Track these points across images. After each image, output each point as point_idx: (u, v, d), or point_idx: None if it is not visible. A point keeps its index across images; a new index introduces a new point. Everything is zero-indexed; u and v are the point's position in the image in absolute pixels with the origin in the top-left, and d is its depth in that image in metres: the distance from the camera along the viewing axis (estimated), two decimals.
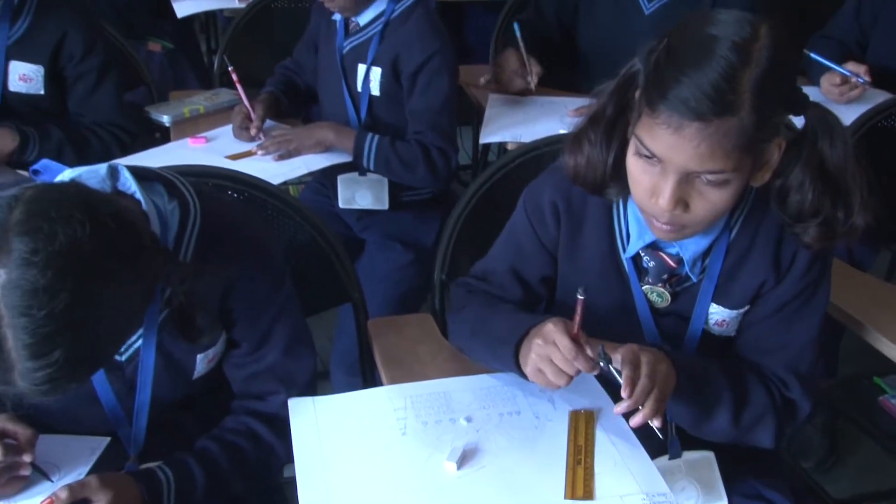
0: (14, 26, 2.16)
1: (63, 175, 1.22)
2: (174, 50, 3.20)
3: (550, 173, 1.47)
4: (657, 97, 1.12)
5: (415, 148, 2.11)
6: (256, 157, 2.10)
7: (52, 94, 2.23)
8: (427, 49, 2.11)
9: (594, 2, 2.49)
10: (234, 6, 3.13)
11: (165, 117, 2.36)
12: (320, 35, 2.31)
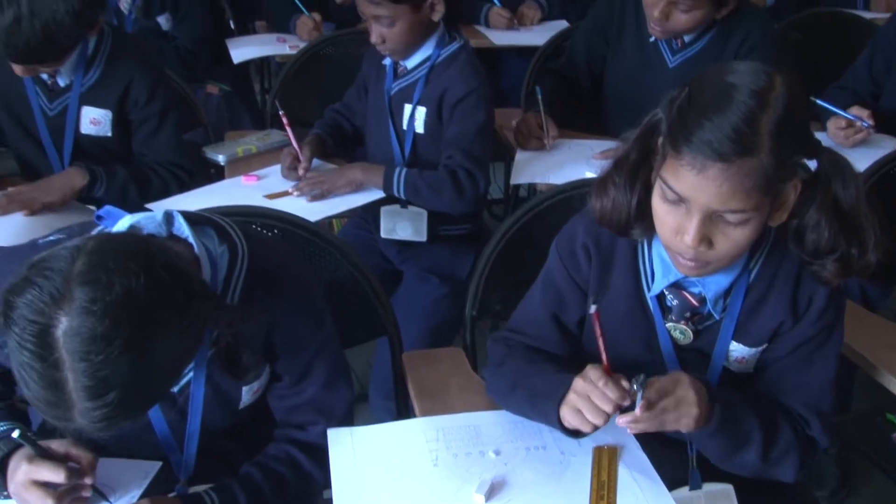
0: (87, 75, 2.19)
1: (123, 221, 1.23)
2: (230, 92, 3.22)
3: (581, 217, 1.46)
4: (681, 140, 1.12)
5: (442, 172, 2.10)
6: (293, 196, 2.11)
7: (119, 135, 2.26)
8: (467, 86, 2.13)
9: (622, 53, 2.47)
10: (285, 52, 3.13)
11: (220, 157, 2.37)
12: (370, 79, 2.32)
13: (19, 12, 1.88)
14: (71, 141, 2.25)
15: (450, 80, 2.14)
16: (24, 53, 1.96)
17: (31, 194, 2.08)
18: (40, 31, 1.91)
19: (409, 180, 2.11)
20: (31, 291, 0.98)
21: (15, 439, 1.23)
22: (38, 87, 2.21)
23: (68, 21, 1.94)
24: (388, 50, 2.14)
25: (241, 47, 3.19)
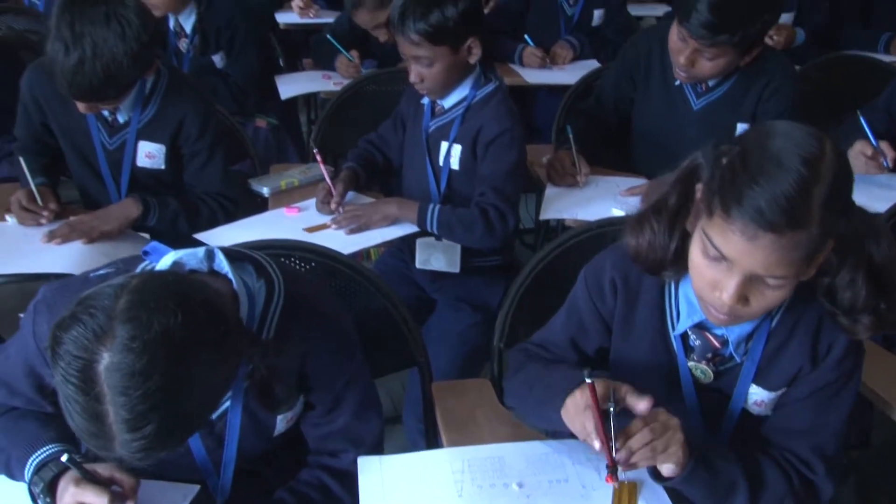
0: (144, 112, 2.21)
1: (167, 258, 1.24)
2: (278, 125, 3.24)
3: (610, 252, 1.44)
4: (733, 205, 1.08)
5: (474, 210, 2.09)
6: (332, 228, 2.12)
7: (172, 168, 2.28)
8: (501, 126, 2.11)
9: (649, 95, 2.45)
10: (329, 89, 3.14)
11: (265, 189, 2.38)
12: (408, 115, 2.31)
13: (83, 55, 1.91)
14: (128, 173, 2.28)
15: (485, 120, 2.13)
16: (87, 92, 1.99)
17: (91, 223, 2.11)
18: (101, 71, 1.94)
19: (441, 217, 2.10)
20: (77, 328, 0.99)
21: (63, 462, 1.23)
22: (100, 122, 2.24)
23: (127, 63, 1.97)
24: (426, 89, 2.14)
25: (289, 84, 3.21)
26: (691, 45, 2.16)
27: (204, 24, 3.14)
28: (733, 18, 2.09)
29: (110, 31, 1.94)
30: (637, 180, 2.39)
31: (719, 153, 1.16)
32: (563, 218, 2.24)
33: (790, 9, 3.61)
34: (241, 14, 3.23)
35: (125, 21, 1.96)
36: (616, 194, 2.31)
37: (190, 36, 3.17)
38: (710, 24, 2.09)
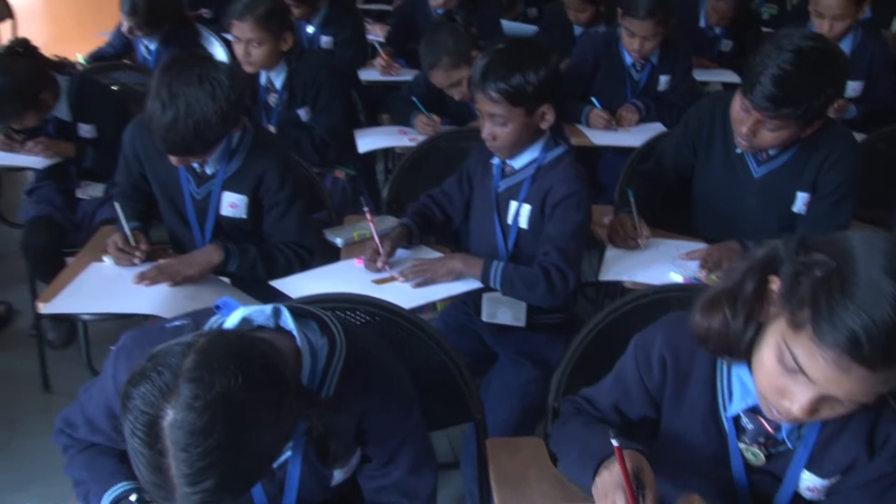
0: (229, 165, 2.27)
1: (236, 314, 1.24)
2: (355, 176, 3.26)
3: (662, 326, 1.39)
4: (828, 329, 1.02)
5: (536, 269, 2.06)
6: (399, 281, 2.10)
7: (252, 218, 2.32)
8: (569, 188, 2.09)
9: (710, 161, 2.40)
10: (404, 144, 3.15)
11: (338, 239, 2.39)
12: (476, 174, 2.30)
13: (177, 113, 1.99)
14: (213, 221, 2.32)
15: (554, 181, 2.11)
16: (179, 147, 2.07)
17: (176, 268, 2.15)
18: (192, 128, 2.02)
19: (505, 274, 2.08)
20: (145, 385, 1.01)
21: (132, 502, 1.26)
22: (190, 174, 2.30)
23: (216, 121, 2.04)
24: (496, 147, 2.12)
25: (367, 137, 3.22)
26: (754, 115, 2.10)
27: (293, 81, 3.20)
28: (797, 93, 2.02)
29: (202, 91, 2.01)
30: (696, 244, 2.33)
31: (807, 261, 1.09)
32: (623, 280, 2.18)
33: (857, 78, 3.52)
34: (327, 71, 3.28)
35: (216, 83, 2.03)
36: (675, 258, 2.25)
37: (279, 91, 3.22)
38: (774, 97, 2.02)
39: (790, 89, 2.01)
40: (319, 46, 4.15)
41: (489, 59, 2.06)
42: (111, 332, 2.13)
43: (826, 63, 2.03)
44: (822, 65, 2.02)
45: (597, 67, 3.59)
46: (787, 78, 2.00)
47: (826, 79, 2.03)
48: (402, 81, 3.81)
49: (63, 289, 2.09)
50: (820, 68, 2.02)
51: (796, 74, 2.00)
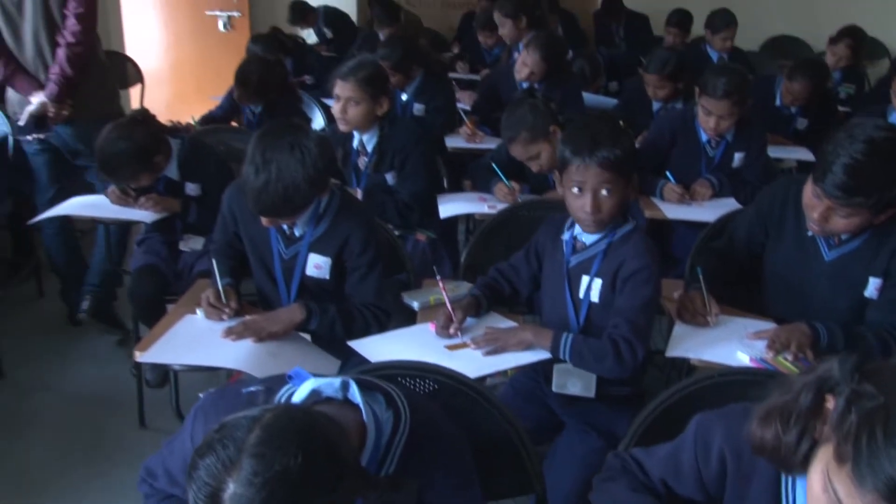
0: (317, 227, 2.29)
1: (307, 385, 1.25)
2: (436, 239, 3.26)
3: (724, 418, 1.32)
4: (867, 472, 0.96)
5: (605, 342, 2.01)
6: (470, 348, 2.07)
7: (335, 279, 2.33)
8: (640, 263, 2.04)
9: (782, 242, 2.32)
10: (484, 211, 3.13)
11: (415, 303, 2.37)
12: (545, 249, 2.26)
13: (269, 177, 2.05)
14: (298, 280, 2.34)
15: (626, 256, 2.06)
16: (269, 209, 2.12)
17: (261, 324, 2.17)
18: (282, 192, 2.06)
19: (574, 347, 2.03)
20: (211, 457, 1.01)
21: None
22: (279, 235, 2.33)
23: (304, 186, 2.08)
24: (599, 219, 2.04)
25: (449, 203, 3.22)
26: (826, 203, 2.03)
27: (383, 145, 3.23)
28: (869, 182, 1.95)
29: (293, 158, 2.05)
30: (765, 324, 2.24)
31: (860, 390, 1.03)
32: (689, 357, 2.11)
33: None
34: (417, 140, 3.30)
35: (306, 150, 2.07)
36: (743, 337, 2.16)
37: (370, 154, 3.26)
38: (846, 186, 1.96)
39: (862, 179, 1.94)
40: (412, 113, 4.22)
41: (591, 129, 2.02)
42: (200, 379, 2.16)
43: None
44: (895, 155, 1.95)
45: (673, 142, 3.54)
46: (859, 168, 1.94)
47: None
48: (486, 149, 3.82)
49: (159, 338, 2.13)
50: (893, 159, 1.95)
51: (868, 164, 1.93)
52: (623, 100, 4.69)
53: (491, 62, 5.98)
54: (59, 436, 3.06)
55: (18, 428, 3.10)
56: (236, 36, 7.29)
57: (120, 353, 3.54)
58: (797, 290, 2.29)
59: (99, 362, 3.57)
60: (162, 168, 2.99)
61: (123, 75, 5.84)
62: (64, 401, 3.29)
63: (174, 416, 2.98)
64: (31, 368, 3.51)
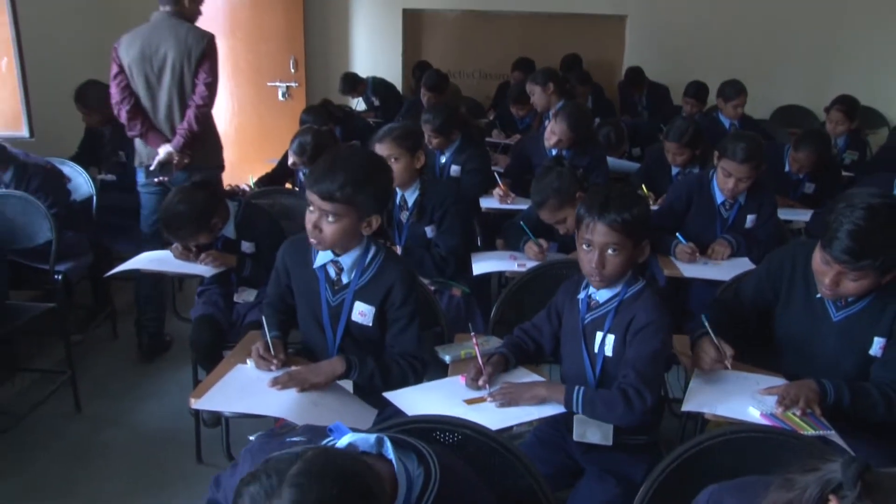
0: (362, 277, 2.27)
1: (345, 438, 1.24)
2: (470, 294, 3.23)
3: (737, 491, 1.27)
4: None
5: (615, 391, 1.97)
6: (488, 402, 2.04)
7: (377, 326, 2.30)
8: (650, 317, 2.01)
9: (791, 303, 2.28)
10: (514, 269, 3.10)
11: (447, 357, 2.35)
12: (564, 307, 2.24)
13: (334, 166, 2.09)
14: (343, 326, 2.32)
15: (636, 312, 2.04)
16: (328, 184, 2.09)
17: (305, 375, 2.15)
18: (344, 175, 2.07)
19: (586, 399, 1.99)
20: (255, 485, 1.01)
21: None
22: (328, 283, 2.32)
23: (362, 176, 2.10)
24: (605, 275, 2.05)
25: (482, 261, 3.20)
26: (835, 268, 2.01)
27: (424, 201, 3.24)
28: (873, 245, 1.93)
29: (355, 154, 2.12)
30: (776, 380, 2.17)
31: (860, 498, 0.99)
32: (704, 412, 2.04)
33: None
34: (455, 198, 3.30)
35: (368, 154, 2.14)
36: (754, 392, 2.10)
37: (411, 209, 3.26)
38: (852, 250, 1.94)
39: (866, 243, 1.93)
40: (449, 174, 4.22)
41: (607, 193, 2.04)
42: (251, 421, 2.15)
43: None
44: (894, 218, 1.95)
45: (690, 204, 3.52)
46: (863, 232, 1.93)
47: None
48: (517, 210, 3.80)
49: (212, 386, 2.13)
50: (892, 222, 1.94)
51: (870, 229, 1.93)
52: (645, 165, 4.67)
53: (522, 129, 6.01)
54: (125, 467, 3.09)
55: (90, 458, 3.15)
56: (294, 104, 7.43)
57: (182, 393, 3.55)
58: (806, 349, 2.24)
59: (164, 400, 3.61)
60: (219, 229, 3.03)
61: None
62: (131, 435, 3.33)
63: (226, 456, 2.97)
64: (104, 404, 3.56)
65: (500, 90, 7.42)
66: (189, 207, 2.88)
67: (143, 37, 3.76)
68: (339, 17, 7.60)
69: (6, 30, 4.13)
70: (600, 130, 5.07)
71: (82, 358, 3.89)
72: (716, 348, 2.19)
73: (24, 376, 3.68)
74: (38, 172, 3.78)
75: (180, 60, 3.75)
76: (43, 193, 3.71)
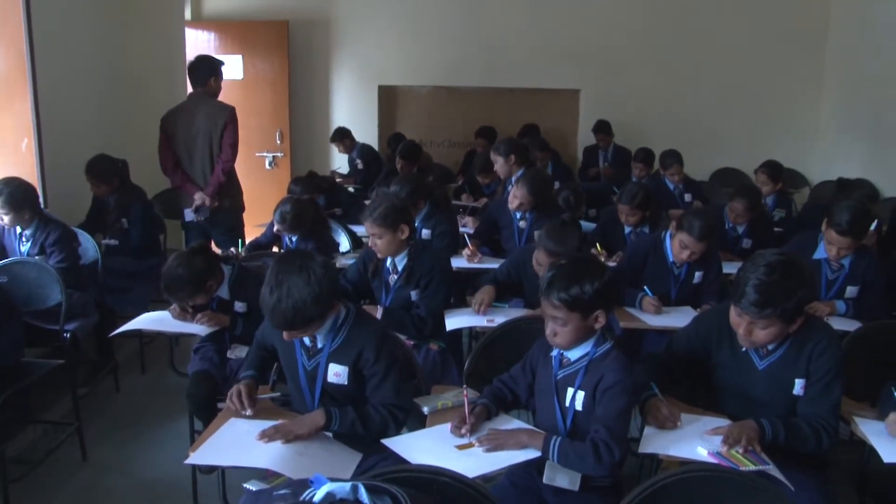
0: (335, 340, 2.29)
1: (324, 488, 1.24)
2: (445, 348, 3.23)
3: None
4: None
5: (588, 444, 1.99)
6: (475, 447, 2.06)
7: (353, 384, 2.31)
8: (617, 377, 2.05)
9: (721, 358, 2.36)
10: (484, 325, 3.12)
11: (426, 408, 2.35)
12: (538, 362, 2.27)
13: (280, 294, 2.07)
14: (320, 388, 2.32)
15: (604, 371, 2.07)
16: (282, 323, 2.13)
17: (289, 428, 2.16)
18: (291, 308, 2.08)
19: (562, 449, 2.02)
20: None
21: None
22: (303, 348, 2.33)
23: (310, 302, 2.09)
24: (556, 343, 2.11)
25: (455, 317, 3.21)
26: (746, 319, 2.14)
27: (413, 267, 3.25)
28: (774, 297, 2.06)
29: (300, 278, 2.08)
30: (721, 421, 2.23)
31: None
32: (658, 454, 2.09)
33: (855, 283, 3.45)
34: (441, 265, 3.32)
35: (312, 272, 2.10)
36: (702, 433, 2.15)
37: (400, 273, 3.27)
38: (757, 302, 2.07)
39: (768, 294, 2.06)
40: (420, 237, 4.25)
41: (554, 272, 2.08)
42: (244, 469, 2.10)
43: (793, 271, 2.08)
44: (790, 272, 2.08)
45: (645, 262, 3.61)
46: (764, 286, 2.06)
47: (795, 283, 2.07)
48: (486, 268, 3.83)
49: (206, 440, 2.12)
50: (788, 275, 2.07)
51: (770, 282, 2.05)
52: (600, 224, 4.75)
53: (488, 194, 6.12)
54: None
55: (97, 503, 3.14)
56: (279, 172, 7.50)
57: (180, 442, 3.50)
58: (741, 394, 2.32)
59: (163, 449, 3.57)
60: (215, 290, 3.02)
61: None
62: (134, 481, 3.30)
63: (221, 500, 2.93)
64: (108, 453, 3.54)
65: (468, 157, 7.53)
66: (187, 271, 2.88)
67: (182, 111, 4.72)
68: (321, 92, 7.72)
69: (28, 115, 4.22)
70: (560, 194, 5.14)
71: (88, 409, 3.85)
72: (668, 409, 2.23)
73: (35, 427, 3.67)
74: (58, 228, 3.85)
75: (209, 128, 4.66)
76: (58, 248, 3.79)
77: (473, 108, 7.81)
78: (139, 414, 3.94)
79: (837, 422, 2.20)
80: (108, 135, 4.85)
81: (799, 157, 7.47)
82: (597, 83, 7.63)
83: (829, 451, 2.20)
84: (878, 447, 2.15)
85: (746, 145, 7.49)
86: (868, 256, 3.49)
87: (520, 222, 4.40)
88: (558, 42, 7.53)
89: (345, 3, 7.59)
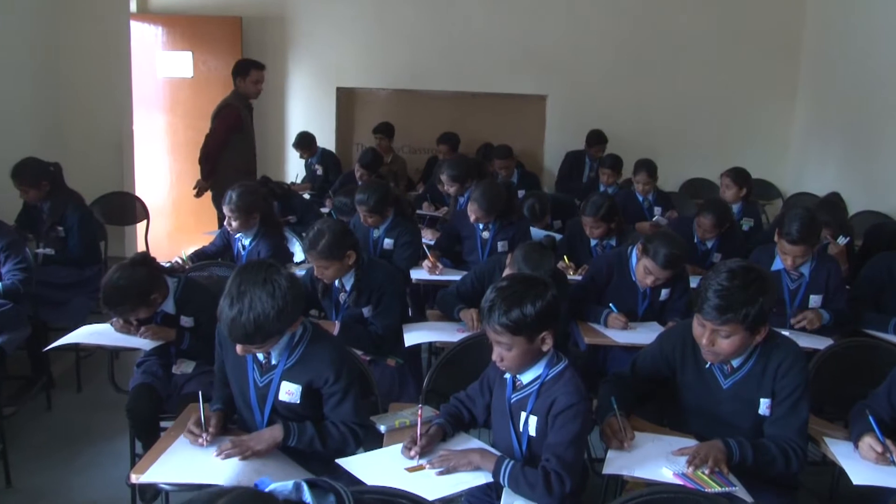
0: (290, 357, 2.30)
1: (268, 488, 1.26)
2: (403, 364, 3.26)
3: None
4: None
5: (539, 473, 2.01)
6: (426, 469, 2.08)
7: (305, 404, 2.32)
8: (570, 401, 2.06)
9: (685, 377, 2.44)
10: (444, 340, 3.16)
11: (382, 427, 2.37)
12: (495, 382, 2.30)
13: (242, 307, 2.07)
14: (270, 406, 2.33)
15: (557, 394, 2.09)
16: (241, 337, 2.13)
17: (247, 444, 2.18)
18: (252, 322, 2.08)
19: (513, 473, 2.03)
20: None
21: None
22: (255, 364, 2.34)
23: (273, 316, 2.09)
24: (505, 367, 2.14)
25: (414, 331, 3.25)
26: (708, 327, 2.22)
27: (361, 284, 3.28)
28: (735, 301, 2.14)
29: (264, 291, 2.08)
30: (687, 441, 2.30)
31: None
32: (622, 474, 2.13)
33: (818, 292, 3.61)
34: (391, 279, 3.36)
35: (277, 285, 2.10)
36: (668, 453, 2.21)
37: (349, 292, 3.31)
38: (718, 307, 2.16)
39: (729, 299, 2.15)
40: (382, 247, 4.29)
41: (493, 296, 2.07)
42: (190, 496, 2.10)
43: (753, 277, 2.17)
44: (751, 278, 2.17)
45: (610, 278, 3.65)
46: (724, 291, 2.15)
47: (755, 289, 2.16)
48: (447, 280, 3.87)
49: (154, 460, 2.12)
50: (748, 281, 2.16)
51: (731, 287, 2.15)
52: (567, 236, 4.79)
53: (449, 201, 6.14)
54: None
55: None
56: None
57: (119, 464, 3.45)
58: (706, 413, 2.39)
59: (101, 470, 3.50)
60: (158, 304, 3.00)
61: (132, 212, 5.90)
62: None
63: None
64: (38, 478, 3.43)
65: (429, 164, 7.56)
66: (129, 283, 2.85)
67: None
68: (276, 94, 7.68)
69: None
70: (525, 202, 5.21)
71: (15, 430, 3.76)
72: (620, 427, 2.28)
73: None
74: (9, 233, 3.80)
75: None
76: (13, 252, 3.75)
77: (436, 113, 7.86)
78: (74, 434, 3.85)
79: (806, 442, 2.27)
80: (40, 136, 4.78)
81: (771, 167, 7.68)
82: (564, 89, 7.76)
83: (798, 473, 2.27)
84: (847, 469, 2.21)
85: (718, 155, 7.64)
86: (828, 265, 3.66)
87: (483, 233, 4.46)
88: (525, 46, 7.63)
89: (302, 0, 7.60)
